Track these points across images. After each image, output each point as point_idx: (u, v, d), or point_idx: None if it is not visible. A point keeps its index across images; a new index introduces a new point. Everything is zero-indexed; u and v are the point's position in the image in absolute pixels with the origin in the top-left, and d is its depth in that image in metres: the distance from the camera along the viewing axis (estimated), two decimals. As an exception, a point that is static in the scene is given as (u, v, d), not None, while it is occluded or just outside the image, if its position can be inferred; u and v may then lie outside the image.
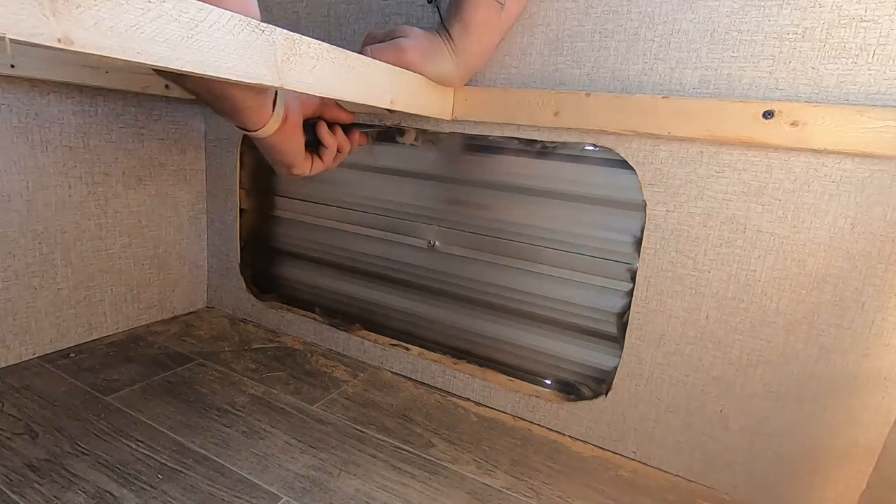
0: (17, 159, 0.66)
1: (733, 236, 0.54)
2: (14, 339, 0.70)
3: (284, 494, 0.51)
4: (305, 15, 0.77)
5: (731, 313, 0.55)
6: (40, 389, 0.65)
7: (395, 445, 0.61)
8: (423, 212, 0.73)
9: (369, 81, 0.48)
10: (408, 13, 0.69)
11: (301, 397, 0.69)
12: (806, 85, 0.49)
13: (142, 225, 0.83)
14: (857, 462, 0.51)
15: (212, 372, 0.73)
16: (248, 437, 0.59)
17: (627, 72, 0.57)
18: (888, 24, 0.45)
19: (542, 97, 0.59)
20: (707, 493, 0.58)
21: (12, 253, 0.68)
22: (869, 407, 0.50)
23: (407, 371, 0.78)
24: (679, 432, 0.59)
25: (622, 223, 0.60)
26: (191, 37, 0.29)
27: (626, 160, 0.58)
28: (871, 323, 0.49)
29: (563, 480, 0.57)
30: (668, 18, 0.54)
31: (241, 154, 0.87)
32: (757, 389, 0.55)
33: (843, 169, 0.48)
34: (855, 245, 0.49)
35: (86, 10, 0.24)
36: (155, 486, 0.50)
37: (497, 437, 0.64)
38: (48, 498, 0.48)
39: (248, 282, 0.92)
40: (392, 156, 0.74)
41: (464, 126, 0.67)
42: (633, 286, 0.60)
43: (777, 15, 0.49)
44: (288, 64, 0.37)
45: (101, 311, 0.80)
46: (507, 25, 0.60)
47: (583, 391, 0.66)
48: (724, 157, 0.53)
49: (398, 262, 0.77)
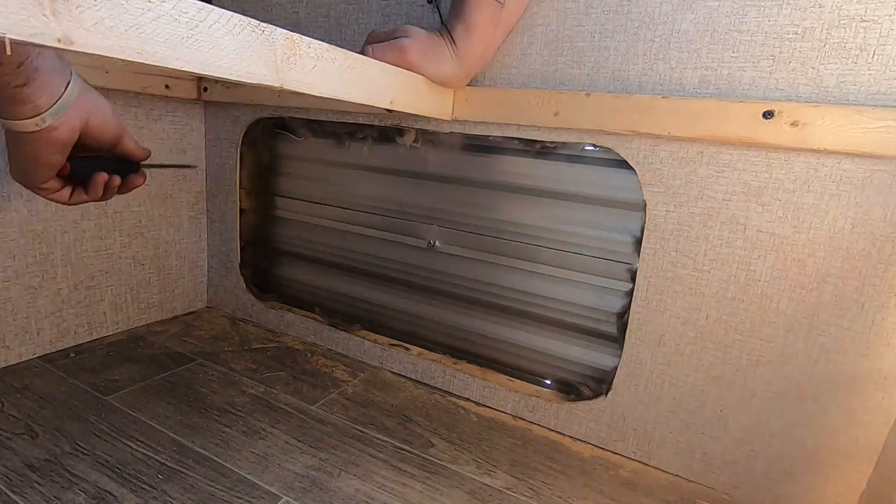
0: (17, 159, 0.66)
1: (733, 236, 0.54)
2: (14, 339, 0.70)
3: (284, 494, 0.51)
4: (305, 15, 0.77)
5: (731, 313, 0.55)
6: (40, 389, 0.65)
7: (395, 445, 0.61)
8: (423, 212, 0.73)
9: (369, 81, 0.48)
10: (408, 13, 0.69)
11: (301, 397, 0.69)
12: (806, 85, 0.49)
13: (142, 225, 0.83)
14: (857, 462, 0.51)
15: (212, 372, 0.73)
16: (248, 437, 0.59)
17: (627, 72, 0.57)
18: (888, 24, 0.45)
19: (542, 97, 0.59)
20: (707, 493, 0.58)
21: (12, 253, 0.68)
22: (869, 407, 0.50)
23: (407, 371, 0.78)
24: (679, 432, 0.59)
25: (622, 223, 0.60)
26: (191, 37, 0.29)
27: (626, 160, 0.58)
28: (871, 323, 0.49)
29: (562, 480, 0.57)
30: (668, 18, 0.54)
31: (241, 154, 0.87)
32: (757, 389, 0.55)
33: (843, 169, 0.48)
34: (855, 245, 0.49)
35: (86, 10, 0.24)
36: (155, 486, 0.50)
37: (497, 437, 0.64)
38: (48, 498, 0.48)
39: (248, 282, 0.92)
40: (392, 156, 0.74)
41: (464, 126, 0.67)
42: (633, 286, 0.60)
43: (777, 15, 0.49)
44: (288, 64, 0.37)
45: (101, 311, 0.80)
46: (508, 27, 0.60)
47: (583, 391, 0.66)
48: (724, 157, 0.53)
49: (398, 262, 0.77)
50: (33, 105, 0.43)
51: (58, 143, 0.47)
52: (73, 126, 0.47)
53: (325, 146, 0.80)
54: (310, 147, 0.81)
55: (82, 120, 0.48)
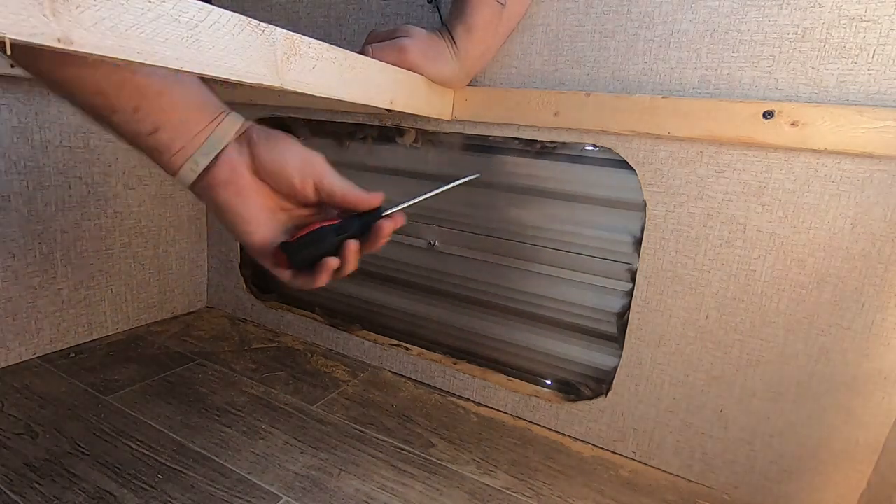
0: (17, 159, 0.66)
1: (733, 236, 0.54)
2: (14, 339, 0.70)
3: (284, 494, 0.51)
4: (305, 15, 0.77)
5: (731, 313, 0.55)
6: (40, 389, 0.65)
7: (395, 445, 0.61)
8: (423, 212, 0.73)
9: (369, 81, 0.48)
10: (408, 13, 0.69)
11: (301, 397, 0.69)
12: (806, 85, 0.49)
13: (142, 225, 0.83)
14: (857, 462, 0.51)
15: (212, 372, 0.73)
16: (248, 437, 0.59)
17: (627, 72, 0.57)
18: (888, 24, 0.45)
19: (542, 97, 0.59)
20: (707, 493, 0.58)
21: (12, 253, 0.68)
22: (869, 407, 0.50)
23: (407, 371, 0.78)
24: (679, 432, 0.59)
25: (622, 223, 0.60)
26: (191, 37, 0.29)
27: (626, 160, 0.58)
28: (871, 323, 0.49)
29: (562, 480, 0.57)
30: (668, 18, 0.54)
31: (241, 154, 0.87)
32: (757, 389, 0.55)
33: (843, 169, 0.48)
34: (855, 245, 0.49)
35: (86, 10, 0.24)
36: (155, 486, 0.50)
37: (497, 437, 0.64)
38: (48, 498, 0.48)
39: (248, 282, 0.92)
40: (392, 156, 0.74)
41: (464, 126, 0.67)
42: (633, 286, 0.60)
43: (777, 15, 0.49)
44: (288, 64, 0.37)
45: (101, 311, 0.80)
46: (509, 27, 0.60)
47: (583, 391, 0.66)
48: (724, 157, 0.53)
49: (398, 262, 0.77)
50: (181, 151, 0.39)
51: (228, 186, 0.41)
52: (233, 163, 0.41)
53: (325, 146, 0.80)
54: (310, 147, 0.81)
55: (246, 154, 0.41)
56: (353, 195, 0.43)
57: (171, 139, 0.39)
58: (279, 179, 0.42)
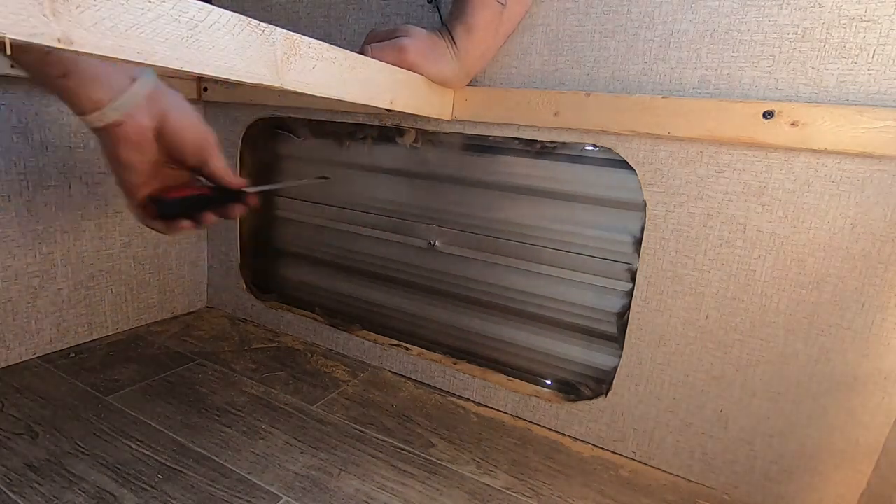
0: (17, 159, 0.66)
1: (733, 236, 0.54)
2: (14, 339, 0.70)
3: (284, 494, 0.51)
4: (305, 15, 0.77)
5: (731, 313, 0.55)
6: (40, 389, 0.65)
7: (395, 445, 0.61)
8: (423, 212, 0.73)
9: (369, 81, 0.48)
10: (408, 13, 0.69)
11: (301, 397, 0.69)
12: (806, 85, 0.49)
13: (142, 225, 0.83)
14: (857, 462, 0.51)
15: (212, 372, 0.73)
16: (248, 437, 0.59)
17: (627, 72, 0.57)
18: (888, 24, 0.45)
19: (542, 97, 0.59)
20: (707, 493, 0.58)
21: (12, 253, 0.68)
22: (869, 407, 0.50)
23: (407, 371, 0.78)
24: (679, 432, 0.59)
25: (622, 223, 0.60)
26: (190, 37, 0.29)
27: (626, 160, 0.58)
28: (871, 323, 0.49)
29: (562, 480, 0.57)
30: (668, 18, 0.54)
31: (242, 154, 0.87)
32: (757, 389, 0.55)
33: (843, 169, 0.48)
34: (855, 245, 0.49)
35: (86, 10, 0.24)
36: (155, 486, 0.50)
37: (497, 437, 0.64)
38: (48, 498, 0.48)
39: (248, 282, 0.92)
40: (392, 156, 0.74)
41: (464, 126, 0.67)
42: (633, 286, 0.60)
43: (777, 15, 0.49)
44: (287, 64, 0.37)
45: (101, 311, 0.80)
46: (509, 28, 0.60)
47: (583, 391, 0.66)
48: (724, 157, 0.53)
49: (398, 262, 0.77)
50: (89, 99, 0.43)
51: (127, 140, 0.46)
52: (140, 123, 0.46)
53: (325, 146, 0.80)
54: (310, 147, 0.81)
55: (154, 119, 0.47)
56: (227, 177, 0.53)
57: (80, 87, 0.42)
58: (174, 148, 0.49)
